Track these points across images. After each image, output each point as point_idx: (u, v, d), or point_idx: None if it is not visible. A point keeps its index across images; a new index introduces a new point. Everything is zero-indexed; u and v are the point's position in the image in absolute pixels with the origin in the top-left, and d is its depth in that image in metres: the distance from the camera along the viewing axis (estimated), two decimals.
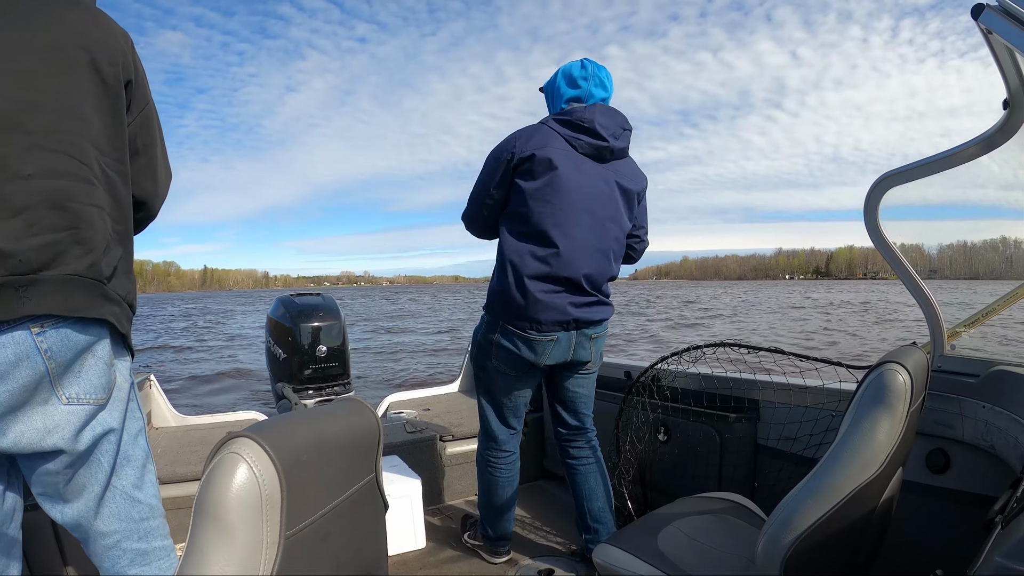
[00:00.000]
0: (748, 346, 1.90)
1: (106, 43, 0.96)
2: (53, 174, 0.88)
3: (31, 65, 0.88)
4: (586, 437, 1.89)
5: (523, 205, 1.63)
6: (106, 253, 0.95)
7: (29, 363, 0.86)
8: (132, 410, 1.06)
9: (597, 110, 1.67)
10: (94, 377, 0.94)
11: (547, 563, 1.94)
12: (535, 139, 1.63)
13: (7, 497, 0.97)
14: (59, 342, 0.88)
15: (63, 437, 0.90)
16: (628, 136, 1.74)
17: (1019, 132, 1.26)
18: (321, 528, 0.62)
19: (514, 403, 1.81)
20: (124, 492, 1.02)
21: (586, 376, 1.84)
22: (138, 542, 1.03)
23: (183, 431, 2.43)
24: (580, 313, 1.67)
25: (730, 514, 1.43)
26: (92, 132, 0.94)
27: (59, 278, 0.88)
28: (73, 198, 0.89)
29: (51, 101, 0.89)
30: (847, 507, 0.93)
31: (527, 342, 1.66)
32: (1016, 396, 1.29)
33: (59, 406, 0.90)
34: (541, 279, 1.62)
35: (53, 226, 0.87)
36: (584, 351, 1.74)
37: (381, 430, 0.79)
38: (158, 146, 1.12)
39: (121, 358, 1.02)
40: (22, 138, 0.86)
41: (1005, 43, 0.98)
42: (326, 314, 2.17)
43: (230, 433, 0.54)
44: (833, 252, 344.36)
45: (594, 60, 1.75)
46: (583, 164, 1.66)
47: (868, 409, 0.95)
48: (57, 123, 0.89)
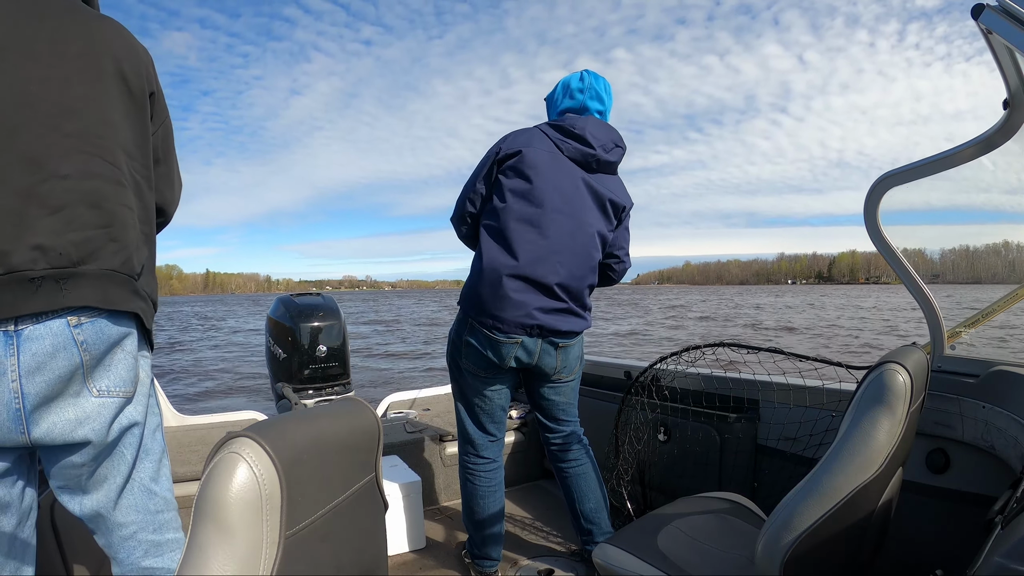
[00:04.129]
0: (748, 346, 1.90)
1: (132, 55, 1.02)
2: (88, 175, 0.92)
3: (67, 72, 0.93)
4: (572, 440, 1.85)
5: (501, 200, 1.64)
6: (137, 251, 0.99)
7: (66, 354, 0.89)
8: (152, 405, 1.09)
9: (591, 122, 1.68)
10: (123, 370, 0.97)
11: (547, 563, 1.94)
12: (522, 137, 1.65)
13: (25, 495, 0.98)
14: (95, 334, 0.92)
15: (93, 429, 0.93)
16: (619, 153, 1.73)
17: (1019, 132, 1.26)
18: (321, 528, 0.62)
19: (488, 406, 1.76)
20: (142, 484, 1.05)
21: (562, 384, 1.79)
22: (152, 534, 1.06)
23: (183, 431, 2.42)
24: (546, 319, 1.63)
25: (730, 514, 1.43)
26: (122, 138, 0.99)
27: (96, 272, 0.92)
28: (107, 198, 0.94)
29: (86, 106, 0.94)
30: (847, 507, 0.94)
31: (491, 343, 1.63)
32: (1016, 396, 1.29)
33: (90, 398, 0.93)
34: (509, 275, 1.60)
35: (89, 223, 0.91)
36: (550, 359, 1.69)
37: (381, 430, 0.79)
38: (174, 156, 1.19)
39: (143, 355, 1.05)
40: (61, 140, 0.90)
41: (1005, 43, 0.98)
42: (326, 314, 2.17)
43: (230, 433, 0.54)
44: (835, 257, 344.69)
45: (595, 72, 1.76)
46: (565, 166, 1.65)
47: (868, 409, 0.95)
48: (92, 127, 0.94)
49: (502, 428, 1.83)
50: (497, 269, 1.61)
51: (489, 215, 1.67)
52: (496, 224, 1.64)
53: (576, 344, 1.76)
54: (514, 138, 1.66)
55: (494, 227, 1.65)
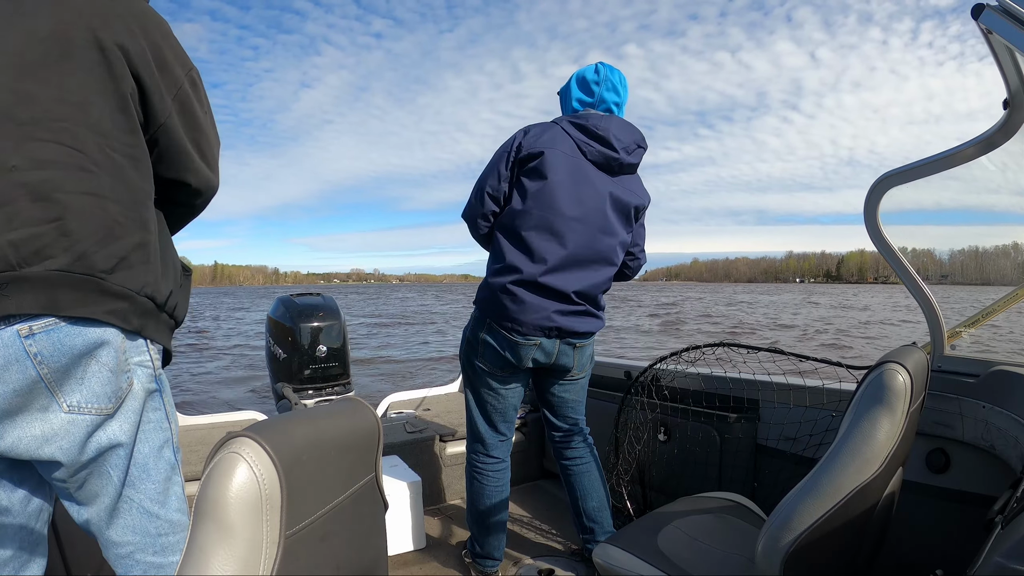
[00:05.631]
0: (748, 346, 1.90)
1: (109, 19, 0.89)
2: (39, 164, 0.83)
3: (27, 55, 0.84)
4: (579, 438, 1.86)
5: (521, 203, 1.62)
6: (104, 244, 0.88)
7: (18, 367, 0.81)
8: (156, 421, 0.98)
9: (614, 122, 1.66)
10: (96, 385, 0.87)
11: (547, 563, 1.94)
12: (545, 137, 1.61)
13: (32, 500, 0.94)
14: (51, 346, 0.83)
15: (61, 447, 0.85)
16: (641, 154, 1.71)
17: (1019, 132, 1.26)
18: (321, 528, 0.62)
19: (501, 405, 1.77)
20: (141, 506, 0.96)
21: (572, 382, 1.80)
22: (153, 556, 0.97)
23: (183, 431, 2.42)
24: (565, 322, 1.64)
25: (730, 514, 1.43)
26: (92, 117, 0.88)
27: (42, 275, 0.82)
28: (60, 188, 0.84)
29: (49, 90, 0.85)
30: (847, 507, 0.94)
31: (510, 344, 1.64)
32: (1016, 396, 1.29)
33: (59, 414, 0.85)
34: (528, 283, 1.60)
35: (34, 219, 0.82)
36: (567, 358, 1.71)
37: (381, 430, 0.79)
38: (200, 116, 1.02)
39: (141, 364, 0.94)
40: (12, 130, 0.83)
41: (1005, 43, 0.98)
42: (326, 314, 2.17)
43: (230, 433, 0.54)
44: (844, 256, 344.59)
45: (609, 64, 1.73)
46: (587, 171, 1.64)
47: (868, 409, 0.95)
48: (49, 111, 0.85)
49: (511, 428, 1.84)
50: (516, 275, 1.60)
51: (507, 215, 1.65)
52: (514, 227, 1.63)
53: (591, 344, 1.78)
54: (536, 136, 1.61)
55: (512, 230, 1.63)
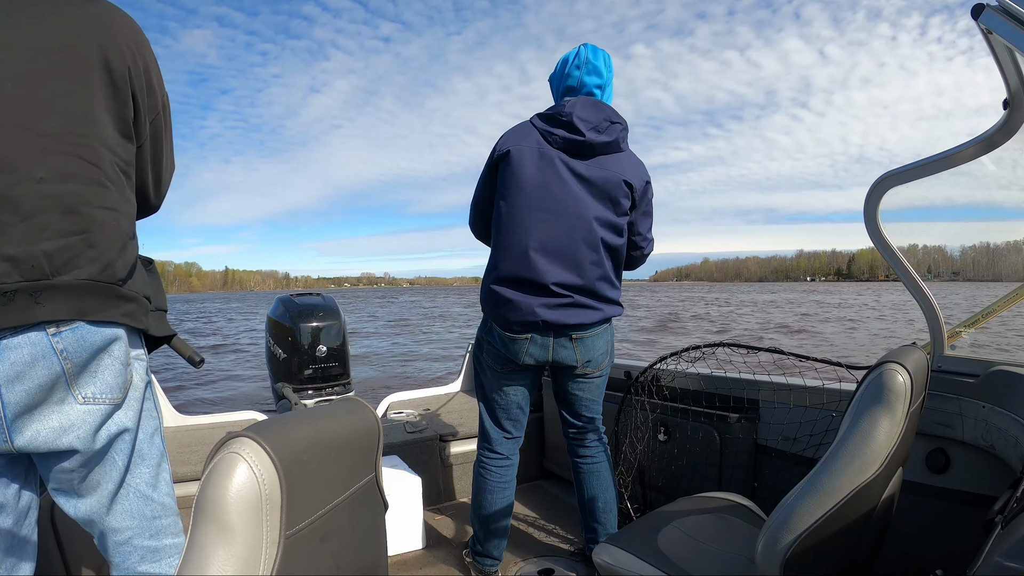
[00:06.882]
0: (748, 346, 1.90)
1: (115, 39, 0.94)
2: (64, 178, 0.88)
3: (44, 65, 0.87)
4: (594, 436, 1.85)
5: (496, 204, 1.67)
6: (122, 254, 0.95)
7: (45, 363, 0.87)
8: (148, 409, 1.06)
9: (579, 103, 1.61)
10: (110, 377, 0.94)
11: (547, 563, 1.94)
12: (513, 136, 1.64)
13: (22, 496, 0.97)
14: (75, 342, 0.89)
15: (78, 436, 0.91)
16: (617, 129, 1.64)
17: (1019, 132, 1.26)
18: (321, 528, 0.62)
19: (505, 402, 1.78)
20: (138, 490, 1.02)
21: (587, 380, 1.78)
22: (149, 539, 1.03)
23: (183, 431, 2.42)
24: (551, 315, 1.61)
25: (730, 514, 1.43)
26: (104, 133, 0.93)
27: (72, 284, 0.88)
28: (85, 202, 0.90)
29: (63, 102, 0.88)
30: (847, 507, 0.94)
31: (504, 341, 1.67)
32: (1016, 396, 1.29)
33: (75, 405, 0.91)
34: (508, 279, 1.62)
35: (64, 231, 0.87)
36: (567, 352, 1.68)
37: (381, 430, 0.79)
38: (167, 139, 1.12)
39: (138, 357, 1.02)
40: (35, 140, 0.86)
41: (1005, 43, 0.98)
42: (326, 314, 2.17)
43: (230, 433, 0.54)
44: (855, 254, 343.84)
45: (593, 45, 1.70)
46: (551, 160, 1.62)
47: (868, 409, 0.95)
48: (70, 125, 0.89)
49: (519, 427, 1.84)
50: (496, 274, 1.66)
51: (492, 218, 1.71)
52: (496, 228, 1.68)
53: (598, 336, 1.71)
54: (506, 138, 1.66)
55: (495, 231, 1.69)
